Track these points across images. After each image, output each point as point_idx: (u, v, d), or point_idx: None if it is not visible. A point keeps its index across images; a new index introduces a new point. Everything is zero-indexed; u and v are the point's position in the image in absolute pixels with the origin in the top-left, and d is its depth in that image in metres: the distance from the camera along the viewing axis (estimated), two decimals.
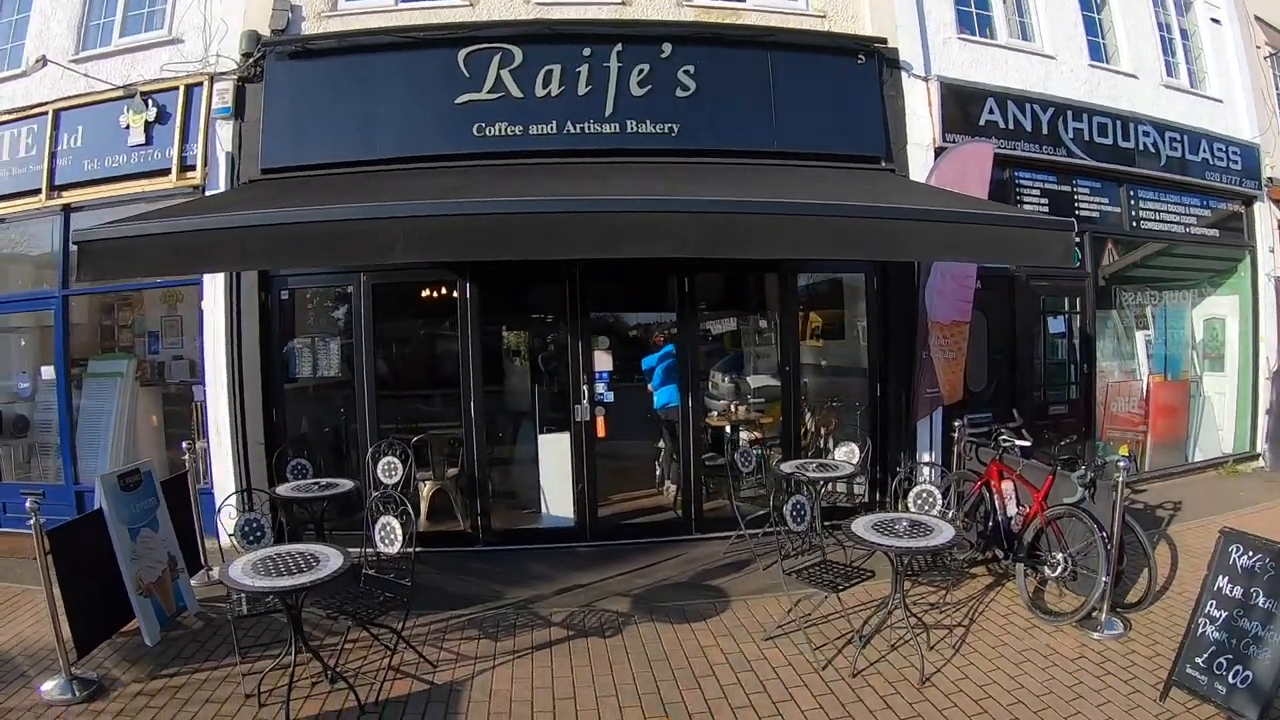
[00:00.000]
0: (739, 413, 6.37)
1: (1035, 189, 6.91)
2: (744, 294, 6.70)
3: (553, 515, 5.70)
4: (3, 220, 6.83)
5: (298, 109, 5.70)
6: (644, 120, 5.58)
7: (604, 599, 4.64)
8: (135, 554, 4.17)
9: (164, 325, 6.89)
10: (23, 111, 6.57)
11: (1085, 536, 4.17)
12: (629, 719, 3.35)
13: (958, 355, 6.07)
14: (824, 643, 3.95)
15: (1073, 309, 7.32)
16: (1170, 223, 7.85)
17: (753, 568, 5.04)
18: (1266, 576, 3.13)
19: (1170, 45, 8.11)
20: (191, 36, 6.11)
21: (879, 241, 4.09)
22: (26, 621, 4.54)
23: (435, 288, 5.76)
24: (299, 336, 5.87)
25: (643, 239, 3.75)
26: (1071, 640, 3.98)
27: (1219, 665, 3.14)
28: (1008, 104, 6.63)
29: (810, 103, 5.85)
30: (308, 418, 5.98)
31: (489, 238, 3.79)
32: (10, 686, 3.72)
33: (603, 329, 6.05)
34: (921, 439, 6.09)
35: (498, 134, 5.51)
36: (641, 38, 5.66)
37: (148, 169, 6.04)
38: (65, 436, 6.46)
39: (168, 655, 4.01)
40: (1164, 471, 7.67)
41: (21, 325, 7.33)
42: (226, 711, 3.44)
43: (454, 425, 5.65)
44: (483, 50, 5.53)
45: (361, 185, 4.99)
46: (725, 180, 4.97)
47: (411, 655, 3.86)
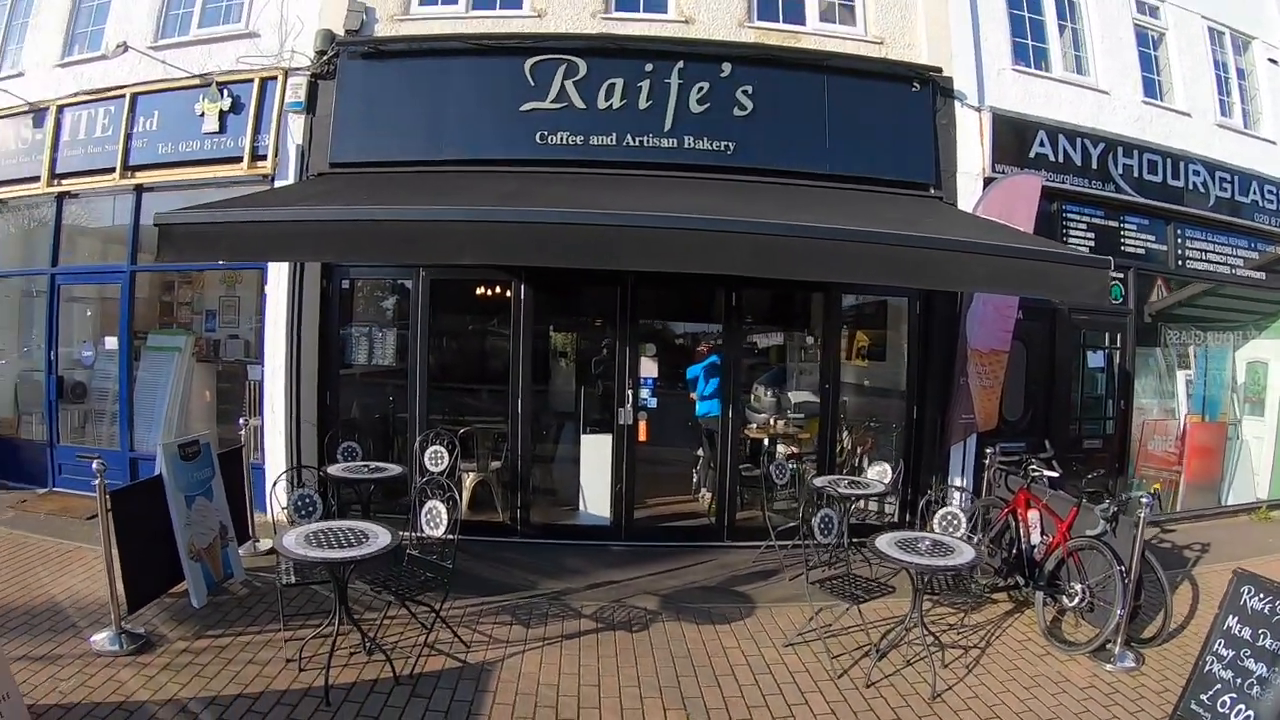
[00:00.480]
0: (778, 426, 6.58)
1: (1082, 223, 7.06)
2: (789, 310, 6.93)
3: (590, 513, 5.96)
4: (76, 195, 7.28)
5: (368, 107, 6.05)
6: (701, 137, 5.85)
7: (634, 596, 4.88)
8: (189, 520, 4.49)
9: (221, 305, 7.28)
10: (101, 93, 7.01)
11: (1104, 569, 4.31)
12: (649, 709, 3.57)
13: (994, 384, 6.25)
14: (841, 652, 4.16)
15: (1113, 344, 7.44)
16: (1216, 263, 7.93)
17: (780, 577, 5.25)
18: (1276, 619, 3.23)
19: (1225, 84, 8.20)
20: (267, 32, 6.50)
21: (918, 270, 4.30)
22: (78, 577, 4.90)
23: (491, 286, 6.07)
24: (356, 324, 6.23)
25: (694, 257, 4.02)
26: (1084, 670, 4.12)
27: (1223, 704, 3.24)
28: (1059, 137, 6.79)
29: (863, 127, 6.08)
30: (359, 403, 6.31)
31: (550, 246, 4.08)
32: (61, 635, 4.03)
33: (650, 336, 6.31)
34: (954, 464, 6.27)
35: (559, 143, 5.81)
36: (702, 56, 5.93)
37: (220, 156, 6.42)
38: (124, 405, 6.88)
39: (213, 618, 4.31)
40: (1195, 513, 7.74)
41: (84, 296, 7.79)
42: (268, 673, 3.71)
43: (500, 420, 5.95)
44: (548, 60, 5.84)
45: (427, 185, 5.32)
46: (777, 201, 5.22)
47: (446, 634, 4.11)
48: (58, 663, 3.73)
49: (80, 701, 3.38)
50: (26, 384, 7.93)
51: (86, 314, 7.74)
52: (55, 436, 7.28)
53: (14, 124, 7.45)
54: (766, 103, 5.93)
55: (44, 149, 7.12)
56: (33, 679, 3.52)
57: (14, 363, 8.07)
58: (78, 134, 7.08)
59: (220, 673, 3.70)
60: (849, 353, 6.65)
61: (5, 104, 7.42)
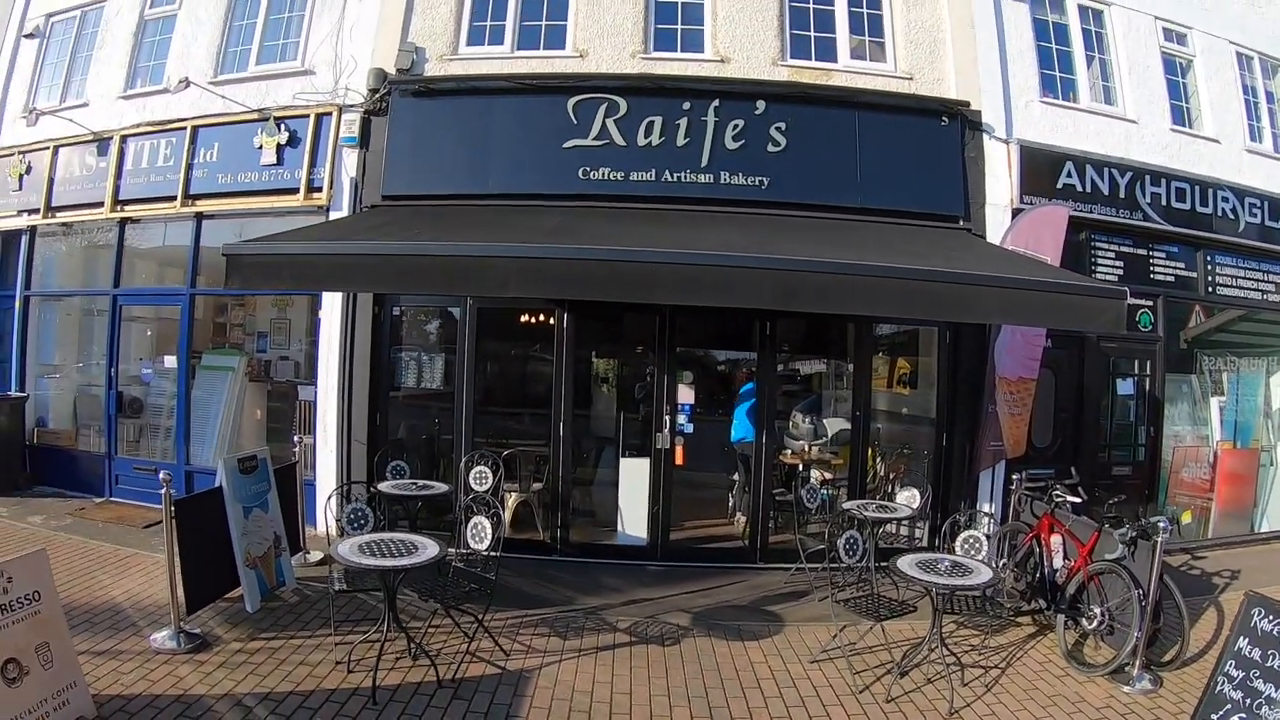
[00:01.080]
0: (812, 453, 6.87)
1: (1111, 252, 7.29)
2: (822, 339, 7.21)
3: (627, 534, 6.30)
4: (137, 221, 7.85)
5: (418, 142, 6.49)
6: (736, 173, 6.20)
7: (667, 613, 5.18)
8: (246, 530, 4.91)
9: (272, 326, 7.79)
10: (163, 124, 7.58)
11: (1123, 592, 4.51)
12: (677, 716, 3.88)
13: (1023, 411, 6.49)
14: (864, 669, 4.41)
15: (1143, 371, 7.62)
16: (1248, 289, 8.09)
17: (809, 598, 5.51)
18: None
19: (1255, 109, 8.36)
20: (322, 70, 7.01)
21: (939, 304, 4.61)
22: (136, 580, 5.31)
23: (535, 314, 6.48)
24: (406, 349, 6.67)
25: (728, 292, 4.38)
26: (1101, 691, 4.31)
27: None
28: (1086, 168, 7.04)
29: (893, 161, 6.39)
30: (406, 424, 6.73)
31: (593, 281, 4.47)
32: (122, 633, 4.41)
33: (687, 363, 6.64)
34: (982, 490, 6.52)
35: (601, 178, 6.20)
36: (738, 94, 6.30)
37: (277, 187, 6.93)
38: (181, 421, 7.37)
39: (265, 622, 4.68)
40: (1227, 540, 7.84)
41: (141, 316, 8.35)
42: (319, 673, 4.05)
43: (541, 443, 6.32)
44: (590, 100, 6.25)
45: (476, 219, 5.74)
46: (810, 235, 5.55)
47: (488, 643, 4.43)
48: (119, 657, 4.08)
49: (141, 693, 3.72)
50: (84, 398, 8.50)
51: (147, 333, 8.29)
52: (114, 449, 7.81)
53: (79, 151, 8.06)
54: (799, 139, 6.27)
55: (108, 176, 7.70)
56: (96, 671, 3.86)
57: (73, 378, 8.65)
58: (140, 163, 7.65)
59: (273, 671, 4.04)
60: (886, 380, 6.94)
61: (71, 132, 8.02)
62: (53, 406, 8.63)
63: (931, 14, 6.82)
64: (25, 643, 3.23)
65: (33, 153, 8.27)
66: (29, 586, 3.33)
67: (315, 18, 7.18)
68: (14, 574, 3.28)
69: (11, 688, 3.12)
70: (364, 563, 3.92)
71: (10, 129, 8.60)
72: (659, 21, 6.61)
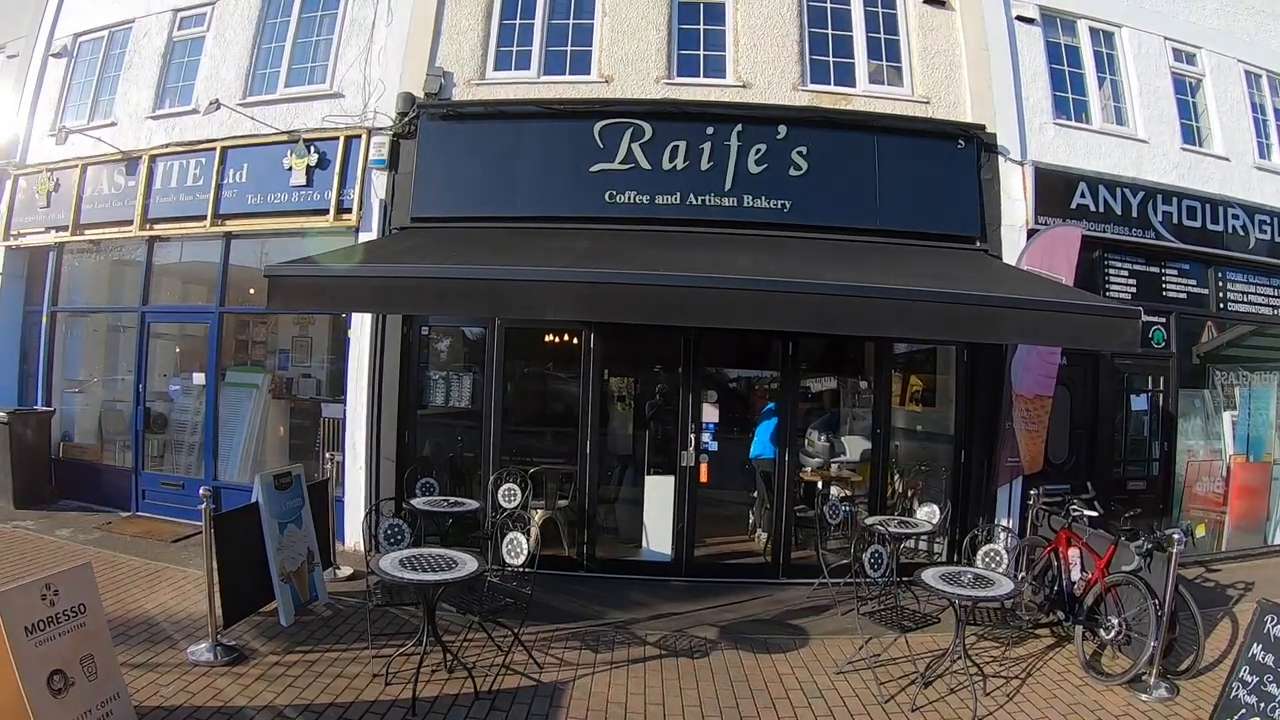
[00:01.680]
0: (832, 470, 7.06)
1: (1124, 270, 7.52)
2: (842, 359, 7.42)
3: (652, 550, 6.49)
4: (166, 239, 8.10)
5: (446, 165, 6.74)
6: (759, 196, 6.44)
7: (694, 627, 5.36)
8: (281, 545, 5.09)
9: (294, 344, 8.03)
10: (193, 145, 7.83)
11: (1139, 603, 4.67)
12: None
13: (1039, 428, 6.70)
14: (889, 680, 4.60)
15: (1156, 387, 7.83)
16: (1259, 304, 8.30)
17: (832, 612, 5.70)
18: None
19: (1264, 126, 8.59)
20: (351, 93, 7.26)
21: (961, 325, 4.85)
22: (168, 594, 5.48)
23: (561, 334, 6.71)
24: (434, 369, 6.90)
25: (760, 316, 4.63)
26: (1119, 700, 4.47)
27: None
28: (1099, 188, 7.26)
29: (911, 184, 6.62)
30: (434, 442, 6.93)
31: (628, 305, 4.73)
32: (158, 646, 4.54)
33: (711, 382, 6.86)
34: (1001, 505, 6.70)
35: (626, 201, 6.43)
36: (760, 119, 6.54)
37: (307, 208, 7.17)
38: (210, 437, 7.59)
39: (300, 636, 4.85)
40: (1242, 552, 8.02)
41: (166, 333, 8.59)
42: (357, 685, 4.21)
43: (567, 462, 6.53)
44: (616, 124, 6.49)
45: (506, 241, 5.96)
46: (830, 257, 5.79)
47: (521, 656, 4.60)
48: (157, 670, 4.23)
49: (182, 705, 3.86)
50: (110, 413, 8.74)
51: (175, 350, 8.53)
52: (140, 463, 8.02)
53: (107, 170, 8.31)
54: (819, 162, 6.51)
55: (137, 195, 7.94)
56: (135, 683, 3.98)
57: (99, 393, 8.88)
58: (169, 182, 7.89)
59: (312, 684, 4.20)
60: (900, 398, 7.13)
61: (99, 151, 8.28)
62: (79, 421, 8.87)
63: (947, 39, 7.07)
64: (71, 654, 3.34)
65: (61, 170, 8.53)
66: (75, 599, 3.43)
67: (344, 42, 7.45)
68: (61, 587, 3.38)
69: (58, 698, 3.23)
70: (407, 577, 4.09)
71: (38, 147, 8.87)
72: (681, 48, 6.87)
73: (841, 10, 7.03)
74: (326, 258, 5.64)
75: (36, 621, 3.26)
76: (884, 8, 7.10)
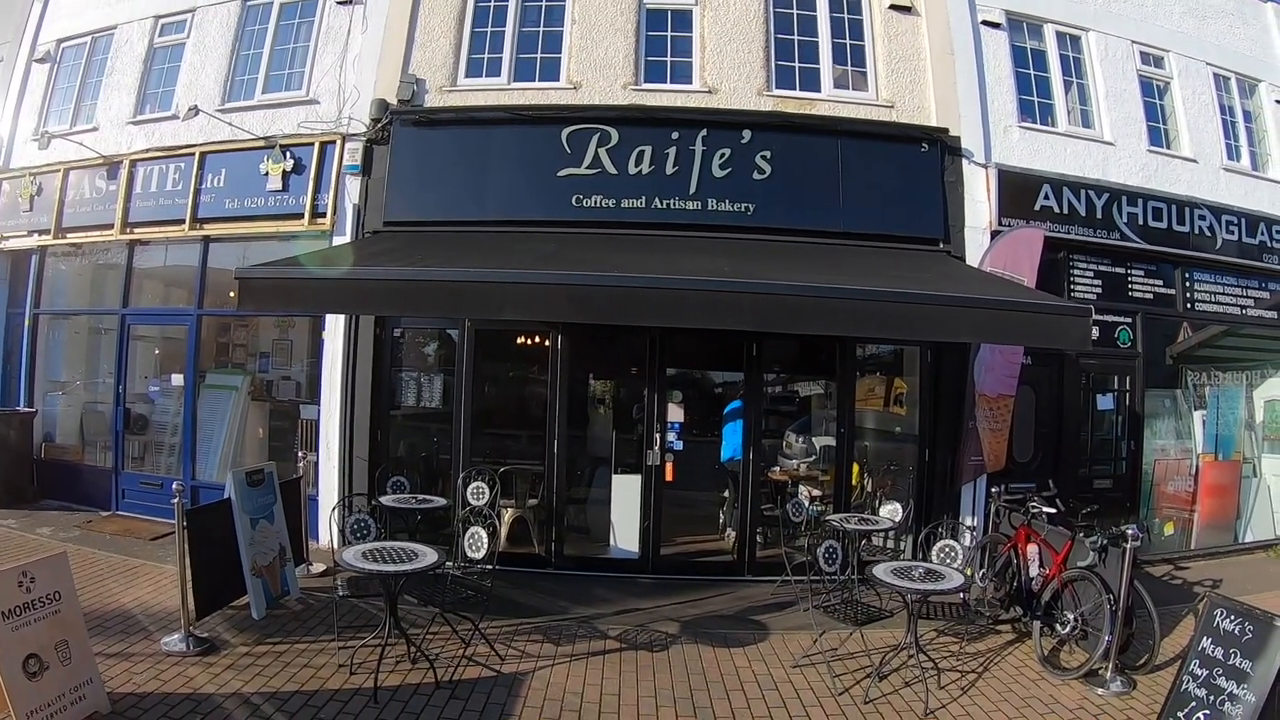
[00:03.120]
0: (800, 470, 7.20)
1: (1089, 271, 7.67)
2: (808, 359, 7.53)
3: (619, 548, 6.64)
4: (146, 243, 8.27)
5: (418, 170, 6.90)
6: (723, 199, 6.60)
7: (657, 622, 5.50)
8: (253, 540, 5.23)
9: (274, 347, 8.18)
10: (172, 150, 8.01)
11: (1095, 598, 4.80)
12: (663, 716, 4.17)
13: (1002, 427, 6.85)
14: (844, 673, 4.72)
15: (1122, 387, 7.98)
16: (1227, 304, 8.44)
17: (795, 608, 5.76)
18: (1245, 639, 3.63)
19: (1232, 129, 8.73)
20: (326, 99, 7.44)
21: (909, 324, 4.98)
22: (145, 589, 5.63)
23: (530, 336, 6.86)
24: (406, 370, 7.06)
25: (707, 315, 4.78)
26: (1075, 694, 4.57)
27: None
28: (1063, 190, 7.42)
29: (874, 186, 6.78)
30: (406, 442, 7.10)
31: (582, 304, 4.87)
32: (133, 637, 4.70)
33: (677, 383, 7.00)
34: (965, 503, 6.86)
35: (593, 205, 6.60)
36: (725, 124, 6.71)
37: (283, 213, 7.34)
38: (189, 438, 7.75)
39: (271, 628, 4.99)
40: (1210, 550, 8.17)
41: (146, 335, 8.75)
42: (322, 675, 4.34)
43: (537, 462, 6.68)
44: (583, 130, 6.66)
45: (474, 245, 6.13)
46: (793, 259, 5.92)
47: (484, 648, 4.75)
48: (131, 659, 4.38)
49: (153, 691, 4.02)
50: (91, 414, 8.90)
51: (154, 352, 8.70)
52: (121, 464, 8.18)
53: (89, 175, 8.48)
54: (784, 166, 6.67)
55: (118, 199, 8.12)
56: (110, 670, 4.13)
57: (80, 394, 9.04)
58: (149, 187, 8.07)
59: (279, 673, 4.34)
60: (868, 399, 7.28)
61: (81, 156, 8.45)
62: (60, 422, 9.02)
63: (912, 44, 7.24)
64: (46, 639, 3.51)
65: (44, 175, 8.72)
66: (50, 587, 3.60)
67: (320, 49, 7.63)
68: (36, 574, 3.56)
69: (33, 681, 3.41)
70: (368, 568, 4.24)
71: (21, 151, 9.05)
72: (649, 54, 7.05)
73: (807, 16, 7.20)
74: (297, 260, 5.79)
75: (13, 607, 3.42)
76: (849, 13, 7.28)
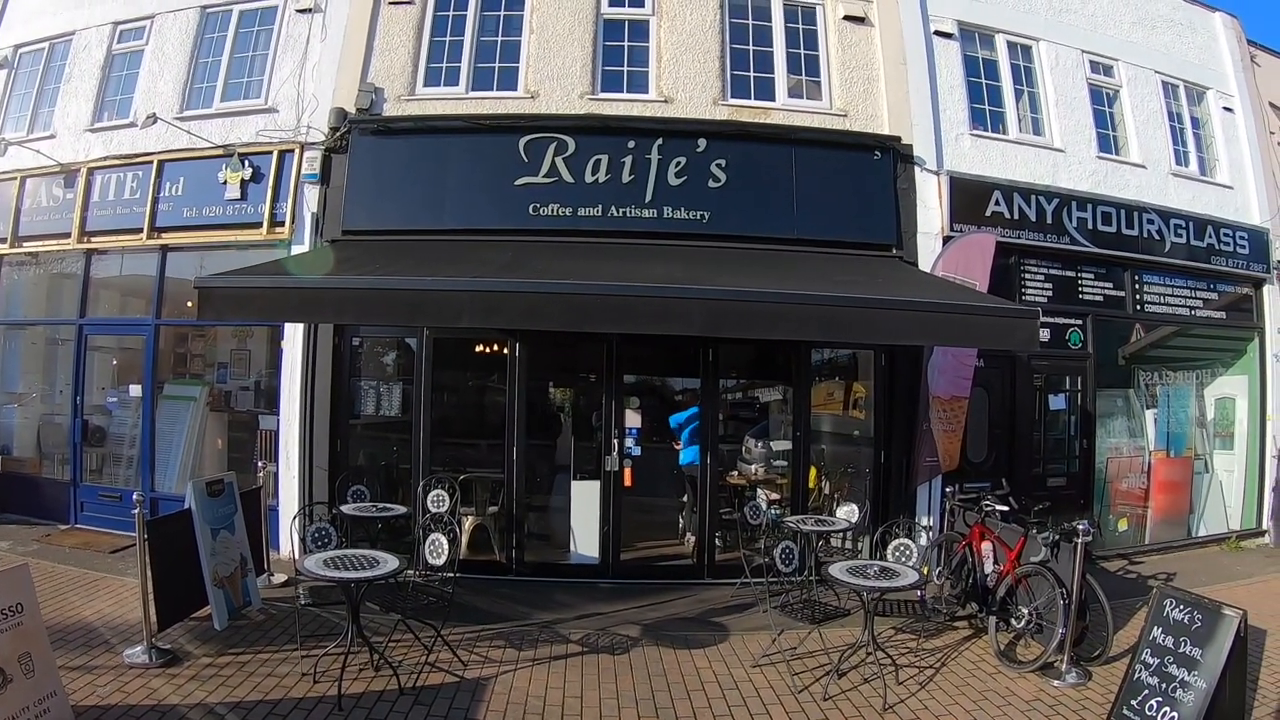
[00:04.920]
0: (758, 474, 7.29)
1: (1040, 275, 7.88)
2: (764, 365, 7.64)
3: (580, 553, 6.70)
4: (104, 252, 8.19)
5: (377, 179, 6.93)
6: (679, 207, 6.70)
7: (618, 625, 5.57)
8: (214, 551, 5.22)
9: (233, 358, 8.15)
10: (130, 158, 7.95)
11: (1048, 592, 4.91)
12: (625, 717, 4.22)
13: (956, 428, 7.01)
14: (803, 671, 4.82)
15: (1074, 387, 8.17)
16: (1176, 306, 8.71)
17: (754, 610, 5.89)
18: (1195, 628, 3.75)
19: (1180, 135, 9.01)
20: (285, 108, 7.43)
21: (856, 327, 5.09)
22: (106, 602, 5.59)
23: (489, 344, 6.90)
24: (365, 378, 7.07)
25: (658, 319, 4.83)
26: (1032, 686, 4.69)
27: (1150, 707, 3.74)
28: (1014, 196, 7.62)
29: (828, 194, 6.92)
30: (366, 451, 7.10)
31: (536, 312, 4.92)
32: (95, 650, 4.68)
33: (634, 389, 7.08)
34: (920, 503, 6.99)
35: (550, 214, 6.67)
36: (680, 133, 6.82)
37: (241, 221, 7.31)
38: (147, 449, 7.68)
39: (234, 639, 4.98)
40: (1164, 545, 8.41)
41: (103, 345, 8.64)
42: (286, 684, 4.34)
43: (496, 470, 6.72)
44: (541, 139, 6.73)
45: (431, 254, 6.17)
46: (747, 266, 6.03)
47: (446, 655, 4.78)
48: (94, 671, 4.36)
49: (117, 704, 4.00)
50: (49, 426, 8.77)
51: (112, 363, 8.59)
52: (79, 476, 8.08)
53: (46, 183, 8.38)
54: (739, 174, 6.79)
55: (75, 208, 8.03)
56: (73, 684, 4.10)
57: (37, 406, 8.91)
58: (107, 195, 8.00)
59: (243, 683, 4.33)
60: (824, 403, 7.39)
61: (37, 164, 8.33)
62: (17, 434, 8.87)
63: (865, 54, 7.40)
64: (9, 652, 3.46)
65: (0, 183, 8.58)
66: (11, 599, 3.55)
67: (279, 57, 7.63)
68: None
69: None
70: (329, 575, 4.25)
71: None
72: (606, 64, 7.14)
73: (763, 27, 7.34)
74: (256, 269, 5.82)
75: None
76: (804, 24, 7.43)
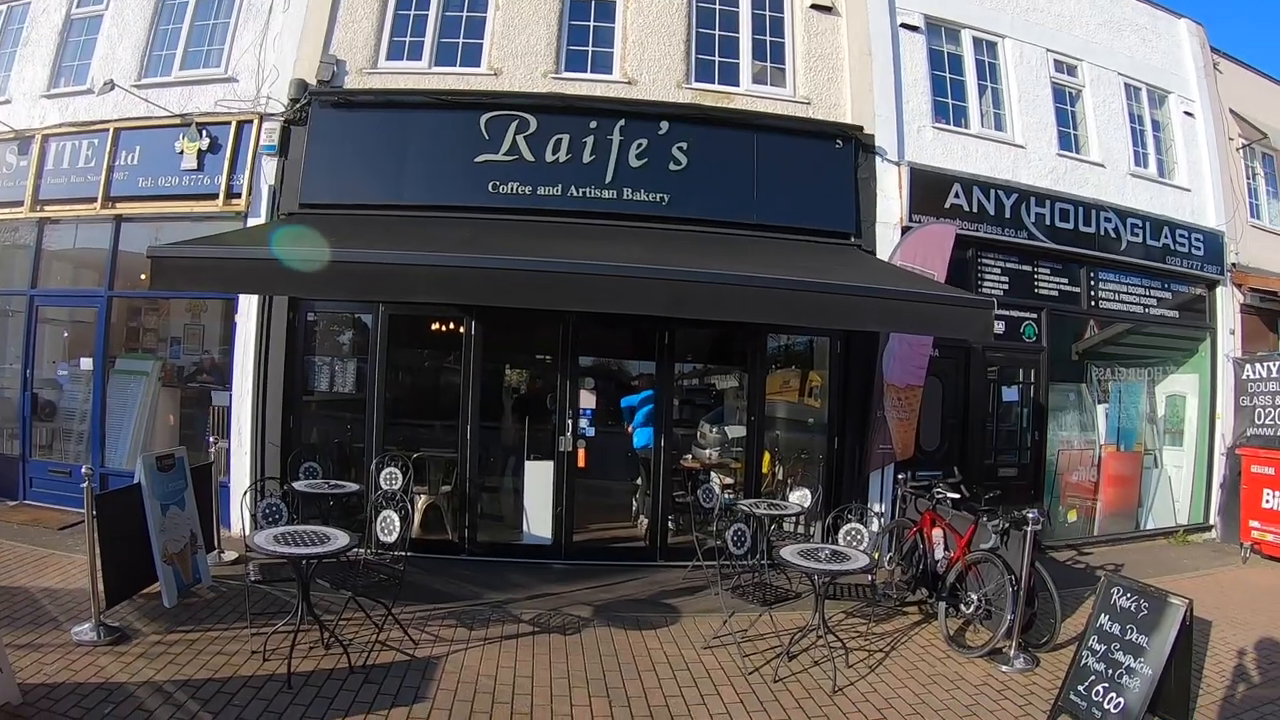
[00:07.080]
0: (712, 458, 7.32)
1: (996, 268, 7.97)
2: (720, 350, 7.67)
3: (532, 534, 6.66)
4: (56, 222, 7.97)
5: (336, 153, 6.81)
6: (639, 189, 6.67)
7: (570, 606, 5.56)
8: (164, 527, 5.11)
9: (186, 333, 7.98)
10: (86, 125, 7.73)
11: (997, 579, 4.99)
12: (575, 696, 4.21)
13: (910, 416, 7.07)
14: (754, 653, 4.84)
15: (1028, 379, 8.30)
16: (1130, 304, 8.86)
17: (706, 592, 5.92)
18: (1141, 615, 3.82)
19: (1141, 137, 9.16)
20: (245, 78, 7.28)
21: (814, 311, 5.13)
22: (54, 579, 5.48)
23: (445, 322, 6.82)
24: (320, 355, 6.95)
25: (619, 300, 4.82)
26: (980, 671, 4.77)
27: (1096, 693, 3.80)
28: (973, 189, 7.69)
29: (789, 181, 6.93)
30: (319, 428, 6.99)
31: (494, 288, 4.86)
32: (43, 628, 4.58)
33: (590, 371, 7.05)
34: (873, 490, 7.05)
35: (510, 192, 6.61)
36: (643, 115, 6.78)
37: (197, 192, 7.16)
38: (97, 424, 7.50)
39: (183, 616, 4.91)
40: (1113, 537, 8.59)
41: (55, 318, 8.42)
42: (235, 662, 4.28)
43: (449, 449, 6.66)
44: (502, 116, 6.66)
45: (389, 229, 6.06)
46: (705, 249, 6.01)
47: (397, 633, 4.74)
48: (41, 649, 4.27)
49: (64, 681, 3.93)
50: None
51: (63, 335, 8.37)
52: (28, 451, 7.88)
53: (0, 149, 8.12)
54: (700, 158, 6.77)
55: (28, 175, 7.80)
56: (19, 662, 4.01)
57: None
58: (61, 163, 7.77)
59: (191, 661, 4.27)
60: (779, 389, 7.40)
61: None
62: None
63: (831, 43, 7.42)
64: None
65: None
66: None
67: (240, 26, 7.46)
68: None
69: None
70: (279, 550, 4.19)
71: None
72: (571, 43, 7.08)
73: (730, 12, 7.33)
74: (210, 240, 5.67)
75: None
76: (771, 10, 7.43)
